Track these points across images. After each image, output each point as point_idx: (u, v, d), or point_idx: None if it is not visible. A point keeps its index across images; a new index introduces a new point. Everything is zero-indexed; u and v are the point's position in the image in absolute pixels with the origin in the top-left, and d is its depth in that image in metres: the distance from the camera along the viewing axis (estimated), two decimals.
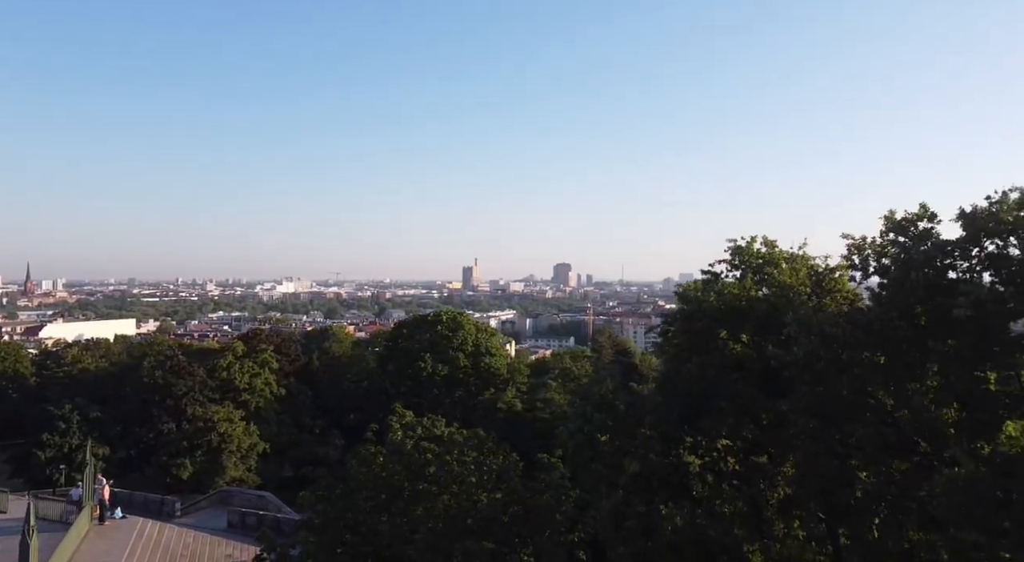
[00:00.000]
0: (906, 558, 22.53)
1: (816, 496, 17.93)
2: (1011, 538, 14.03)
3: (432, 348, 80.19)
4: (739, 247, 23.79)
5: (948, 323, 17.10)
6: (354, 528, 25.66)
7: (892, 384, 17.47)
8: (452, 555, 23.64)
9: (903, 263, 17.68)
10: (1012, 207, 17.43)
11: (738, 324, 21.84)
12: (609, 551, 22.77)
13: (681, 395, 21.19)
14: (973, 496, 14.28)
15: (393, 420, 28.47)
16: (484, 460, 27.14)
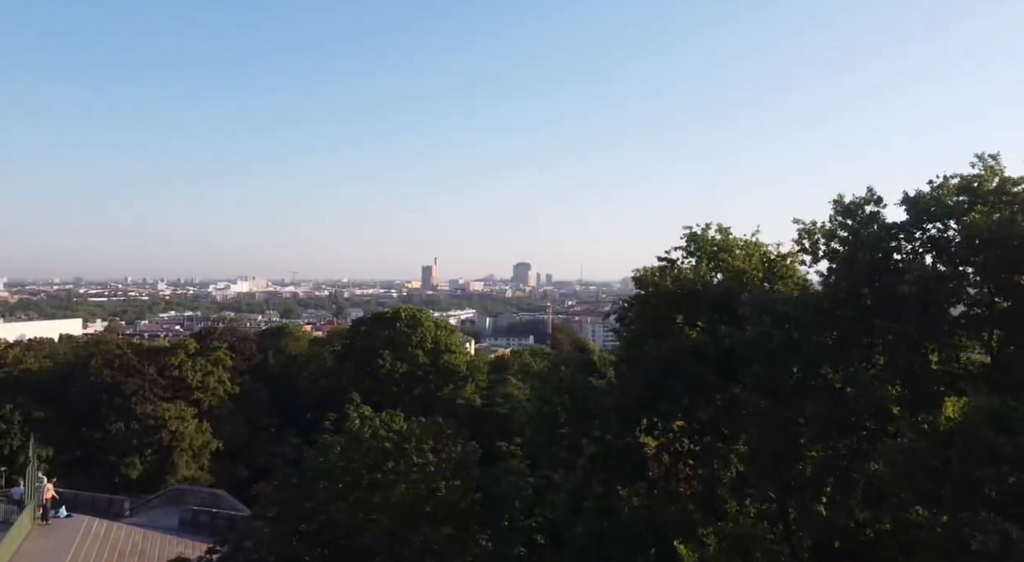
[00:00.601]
0: (852, 535, 23.34)
1: (768, 472, 18.39)
2: (947, 504, 14.60)
3: (391, 345, 79.52)
4: (694, 234, 24.21)
5: (893, 302, 17.74)
6: (310, 518, 25.31)
7: (840, 362, 18.01)
8: (410, 541, 23.54)
9: (851, 245, 18.25)
10: (952, 192, 18.18)
11: (694, 308, 22.25)
12: (567, 532, 22.95)
13: (638, 377, 21.49)
14: (914, 464, 14.82)
15: (350, 409, 28.15)
16: (443, 448, 27.08)
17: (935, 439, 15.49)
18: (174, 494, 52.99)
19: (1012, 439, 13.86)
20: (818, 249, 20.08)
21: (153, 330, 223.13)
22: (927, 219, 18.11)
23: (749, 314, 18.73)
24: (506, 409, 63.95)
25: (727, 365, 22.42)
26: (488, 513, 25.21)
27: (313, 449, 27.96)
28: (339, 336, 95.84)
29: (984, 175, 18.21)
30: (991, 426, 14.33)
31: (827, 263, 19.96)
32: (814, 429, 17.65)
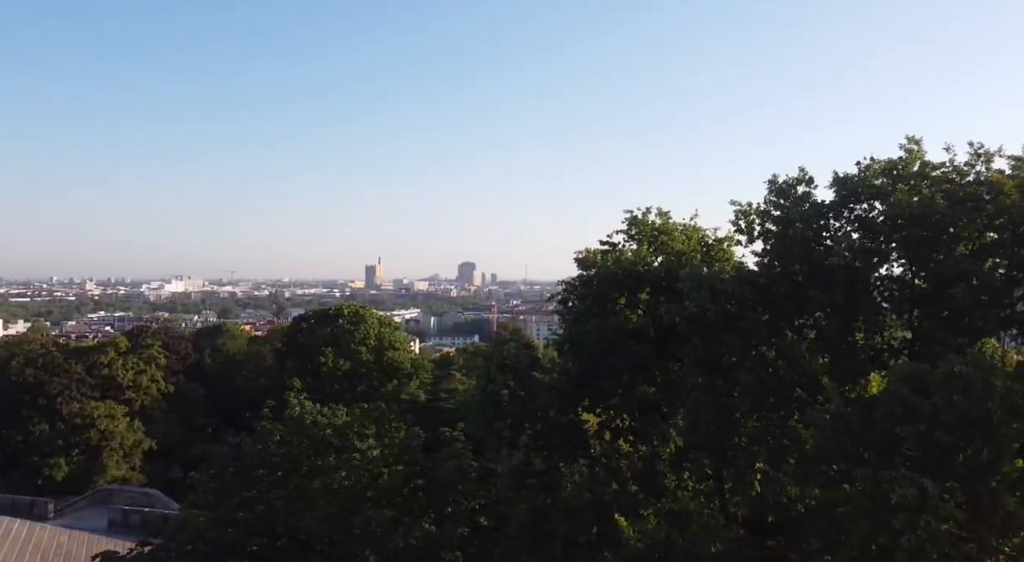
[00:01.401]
0: (785, 510, 24.21)
1: (705, 443, 18.89)
2: (870, 465, 15.30)
3: (333, 342, 78.22)
4: (635, 218, 24.68)
5: (823, 276, 18.55)
6: (249, 506, 24.69)
7: (773, 336, 18.67)
8: (352, 525, 23.23)
9: (784, 223, 18.94)
10: (877, 173, 19.08)
11: (635, 288, 22.68)
12: (510, 509, 23.05)
13: (580, 356, 21.78)
14: (840, 427, 15.49)
15: (291, 395, 27.61)
16: (385, 434, 26.83)
17: (860, 405, 16.23)
18: (103, 495, 50.81)
19: (928, 398, 14.62)
20: (753, 229, 20.75)
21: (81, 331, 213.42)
22: (854, 199, 18.95)
23: (688, 291, 19.22)
24: (451, 404, 63.72)
25: (666, 344, 22.98)
26: (431, 497, 25.08)
27: (250, 437, 27.31)
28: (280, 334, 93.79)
29: (907, 159, 19.19)
30: (910, 388, 15.10)
31: (762, 244, 20.65)
32: (748, 400, 18.24)
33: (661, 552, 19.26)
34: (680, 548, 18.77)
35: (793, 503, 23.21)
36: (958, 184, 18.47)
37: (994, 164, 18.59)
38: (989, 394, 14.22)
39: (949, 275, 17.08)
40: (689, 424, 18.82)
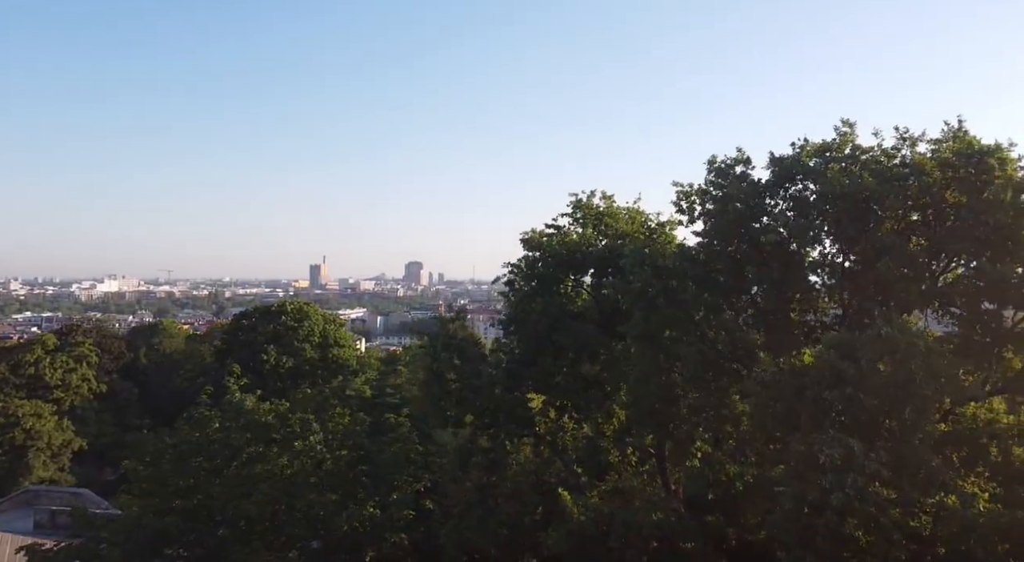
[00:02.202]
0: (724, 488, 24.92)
1: (647, 416, 19.25)
2: (803, 430, 15.88)
3: (276, 339, 76.60)
4: (579, 201, 25.01)
5: (760, 252, 19.18)
6: (185, 494, 24.00)
7: (712, 311, 19.18)
8: (294, 509, 22.86)
9: (723, 201, 19.48)
10: (811, 154, 19.81)
11: (580, 269, 22.98)
12: (455, 486, 23.06)
13: (525, 334, 21.94)
14: (774, 393, 16.04)
15: (230, 381, 26.96)
16: (329, 419, 26.50)
17: (792, 373, 16.84)
18: (28, 496, 48.33)
19: (855, 363, 15.26)
20: (694, 209, 21.24)
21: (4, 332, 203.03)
22: (790, 179, 19.61)
23: (630, 267, 19.58)
24: (397, 399, 63.18)
25: (610, 323, 23.38)
26: (376, 481, 24.89)
27: (187, 422, 26.60)
28: (220, 332, 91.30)
29: (840, 141, 19.98)
30: (839, 354, 15.73)
31: (702, 224, 21.16)
32: (689, 373, 18.67)
33: (604, 525, 19.57)
34: (621, 520, 19.11)
35: (732, 481, 24.00)
36: (885, 166, 19.32)
37: (919, 148, 19.52)
38: (912, 355, 14.93)
39: (876, 250, 17.87)
40: (631, 398, 19.18)
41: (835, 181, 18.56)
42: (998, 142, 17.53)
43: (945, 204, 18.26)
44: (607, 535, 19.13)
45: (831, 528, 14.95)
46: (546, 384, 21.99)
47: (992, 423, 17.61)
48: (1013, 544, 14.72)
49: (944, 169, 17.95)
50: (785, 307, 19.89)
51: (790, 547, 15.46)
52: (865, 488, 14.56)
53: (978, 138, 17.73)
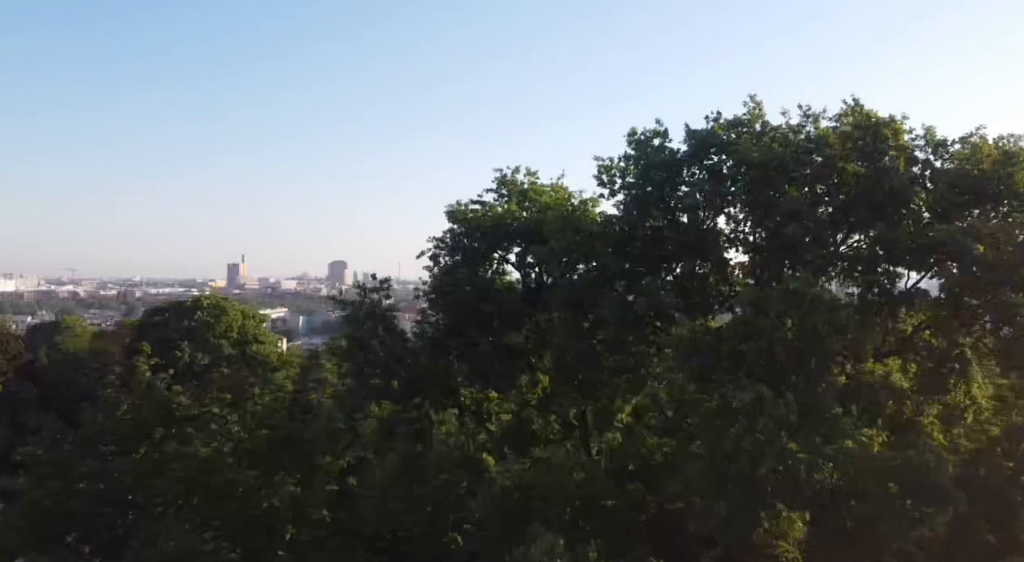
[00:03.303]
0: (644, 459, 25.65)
1: (570, 378, 19.61)
2: (717, 382, 16.60)
3: (191, 336, 73.53)
4: (504, 177, 25.21)
5: (677, 224, 19.95)
6: (91, 476, 22.76)
7: (633, 275, 19.77)
8: (209, 487, 22.07)
9: (642, 170, 20.10)
10: (724, 127, 20.68)
11: (505, 241, 23.19)
12: (378, 459, 22.83)
13: (450, 306, 21.95)
14: (691, 347, 16.69)
15: (140, 360, 25.77)
16: (247, 398, 25.73)
17: (708, 331, 17.56)
18: None
19: (767, 317, 16.07)
20: (615, 182, 21.80)
21: None
22: (705, 150, 20.41)
23: (552, 232, 19.94)
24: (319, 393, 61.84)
25: (535, 295, 23.72)
26: (298, 458, 24.32)
27: (92, 406, 25.24)
28: (129, 329, 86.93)
29: (751, 117, 20.95)
30: (752, 310, 16.54)
31: (623, 196, 21.73)
32: (609, 335, 19.14)
33: (528, 489, 19.79)
34: (545, 482, 19.38)
35: (651, 454, 24.76)
36: (792, 141, 20.41)
37: (822, 124, 20.70)
38: (818, 308, 15.85)
39: (784, 216, 18.86)
40: (554, 362, 19.50)
41: (746, 151, 19.49)
42: (892, 115, 18.83)
43: (846, 175, 19.44)
44: (531, 498, 19.35)
45: (743, 474, 15.68)
46: (472, 354, 22.06)
47: (887, 378, 18.86)
48: (901, 481, 15.84)
49: (844, 141, 19.12)
50: (702, 277, 20.73)
51: (705, 494, 16.09)
52: (775, 433, 15.34)
53: (875, 111, 18.99)
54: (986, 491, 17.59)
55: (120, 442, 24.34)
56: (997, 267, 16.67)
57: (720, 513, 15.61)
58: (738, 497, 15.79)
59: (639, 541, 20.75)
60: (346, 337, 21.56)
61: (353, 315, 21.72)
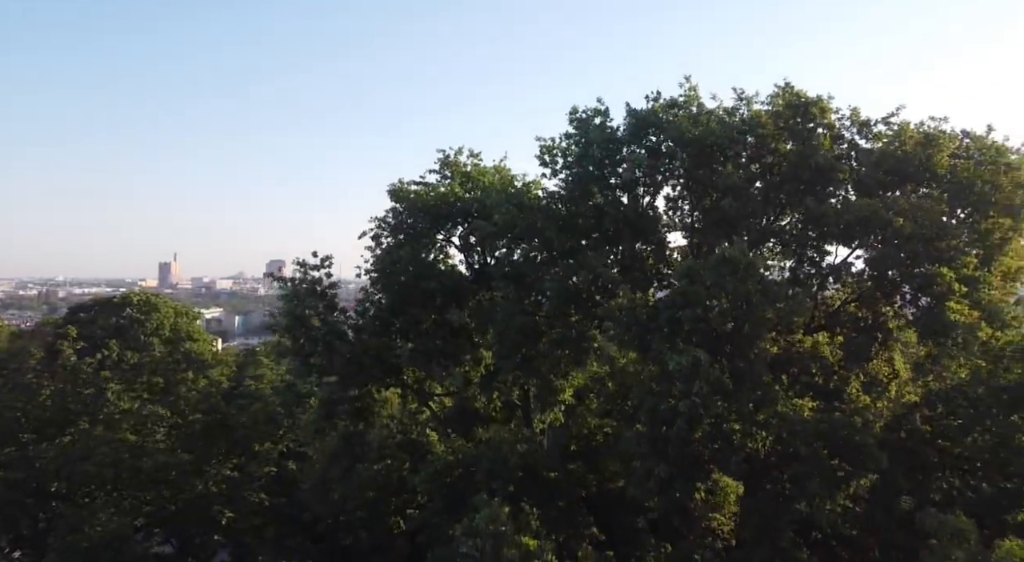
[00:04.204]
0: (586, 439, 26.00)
1: (512, 351, 19.65)
2: (654, 352, 16.99)
3: (119, 334, 70.52)
4: (447, 158, 25.14)
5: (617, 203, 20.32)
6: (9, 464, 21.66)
7: (575, 249, 20.02)
8: (140, 470, 21.29)
9: (583, 147, 20.37)
10: (662, 108, 21.15)
11: (448, 220, 23.12)
12: (320, 438, 22.43)
13: (392, 284, 21.75)
14: (630, 316, 17.02)
15: (65, 345, 24.68)
16: (180, 382, 24.99)
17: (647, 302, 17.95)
18: None
19: (703, 286, 16.54)
20: (556, 162, 22.00)
21: None
22: (644, 129, 20.82)
23: (495, 206, 20.01)
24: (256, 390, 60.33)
25: (478, 274, 23.75)
26: (232, 442, 23.73)
27: (12, 394, 24.05)
28: (52, 327, 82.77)
29: (687, 98, 21.48)
30: (686, 279, 16.98)
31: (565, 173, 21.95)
32: (551, 307, 19.32)
33: (471, 464, 19.78)
34: (489, 456, 19.42)
35: (593, 434, 25.14)
36: (727, 122, 21.04)
37: (754, 107, 21.41)
38: (752, 274, 16.40)
39: (720, 191, 19.44)
40: (497, 335, 19.53)
41: (684, 129, 19.99)
42: (819, 95, 19.63)
43: (779, 153, 20.16)
44: (473, 473, 19.36)
45: (681, 437, 16.11)
46: (414, 332, 21.89)
47: (816, 348, 19.65)
48: (827, 442, 16.55)
49: (776, 120, 19.83)
50: (642, 256, 21.17)
51: (645, 457, 16.43)
52: (710, 397, 15.82)
53: (804, 91, 19.75)
54: (905, 453, 18.52)
55: (42, 429, 23.27)
56: (916, 239, 17.58)
57: (659, 475, 15.97)
58: (675, 460, 16.20)
59: (582, 514, 21.02)
60: (285, 314, 21.07)
61: (293, 292, 21.25)
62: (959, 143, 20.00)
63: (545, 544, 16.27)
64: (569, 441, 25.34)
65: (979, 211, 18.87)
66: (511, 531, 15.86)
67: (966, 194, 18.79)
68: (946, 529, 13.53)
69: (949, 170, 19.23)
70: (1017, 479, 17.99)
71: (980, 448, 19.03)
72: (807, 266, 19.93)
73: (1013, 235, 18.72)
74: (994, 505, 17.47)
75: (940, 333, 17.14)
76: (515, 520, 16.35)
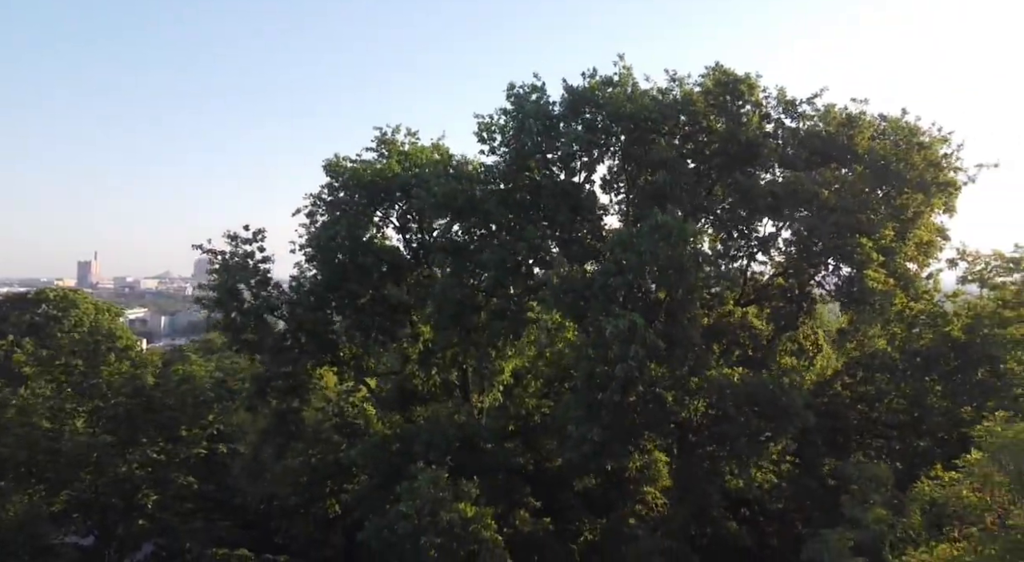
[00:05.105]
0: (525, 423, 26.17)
1: (450, 322, 19.55)
2: (590, 319, 17.27)
3: (34, 332, 66.69)
4: (384, 136, 24.87)
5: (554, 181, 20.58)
6: None
7: (513, 222, 20.12)
8: (60, 452, 20.21)
9: (520, 121, 20.49)
10: (599, 85, 21.47)
11: (385, 195, 22.86)
12: (252, 415, 21.78)
13: (328, 259, 21.34)
14: (566, 284, 17.25)
15: None
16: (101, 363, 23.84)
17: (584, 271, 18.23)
18: None
19: (636, 253, 16.89)
20: (495, 138, 22.05)
21: None
22: (582, 105, 21.09)
23: (433, 177, 19.92)
24: None
25: (416, 252, 23.58)
26: (159, 423, 22.79)
27: None
28: None
29: (622, 78, 21.87)
30: (620, 247, 17.30)
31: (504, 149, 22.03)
32: (490, 278, 19.34)
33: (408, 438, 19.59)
34: (427, 428, 19.29)
35: (530, 415, 25.34)
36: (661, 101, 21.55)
37: (686, 87, 21.99)
38: (684, 239, 16.83)
39: (654, 165, 19.89)
40: (436, 307, 19.40)
41: (619, 104, 20.36)
42: (747, 72, 20.34)
43: (710, 131, 20.78)
44: (412, 446, 19.17)
45: (616, 401, 16.38)
46: (351, 307, 21.51)
47: (745, 319, 20.35)
48: (754, 403, 17.14)
49: (707, 98, 20.44)
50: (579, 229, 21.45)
51: (580, 422, 16.62)
52: (645, 361, 16.14)
53: (733, 70, 20.42)
54: (828, 417, 19.36)
55: None
56: (840, 212, 18.43)
57: (593, 439, 16.20)
58: (610, 424, 16.46)
59: (519, 485, 21.11)
60: (216, 287, 20.32)
61: (223, 265, 20.55)
62: (877, 125, 21.13)
63: (484, 510, 16.30)
64: (507, 421, 25.47)
65: (895, 188, 19.94)
66: (450, 497, 15.81)
67: (884, 172, 19.84)
68: (865, 475, 14.21)
69: (868, 151, 20.28)
70: (930, 437, 19.07)
71: (896, 410, 20.09)
72: (737, 238, 20.60)
73: (925, 209, 19.84)
74: (908, 462, 18.45)
75: (860, 300, 18.00)
76: (454, 488, 16.30)
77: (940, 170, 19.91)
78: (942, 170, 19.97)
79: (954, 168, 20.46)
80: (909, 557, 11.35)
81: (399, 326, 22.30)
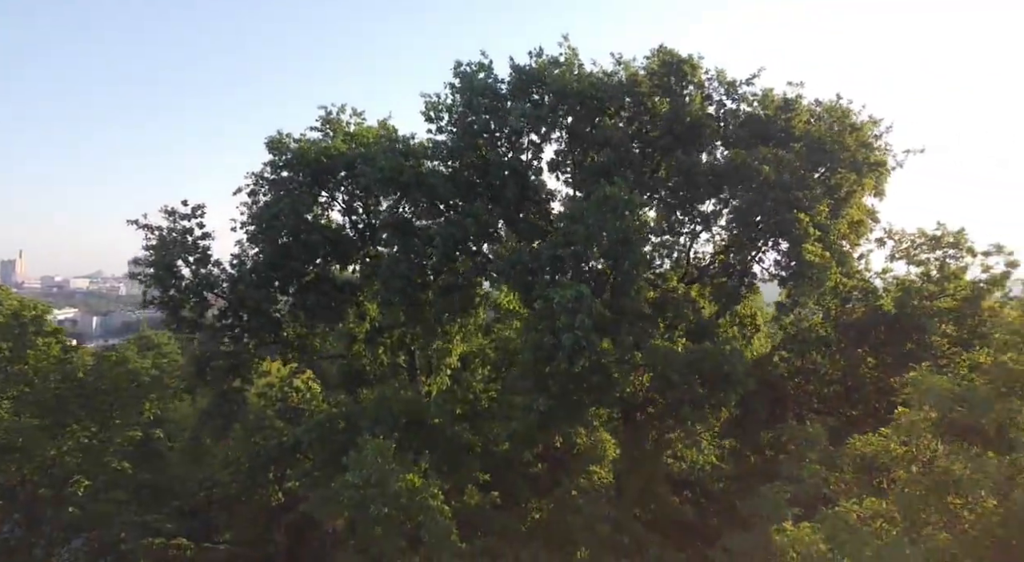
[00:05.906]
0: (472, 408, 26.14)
1: (397, 296, 19.32)
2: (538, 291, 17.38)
3: None
4: (329, 116, 24.46)
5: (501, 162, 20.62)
6: None
7: (461, 198, 20.08)
8: None
9: (468, 95, 20.48)
10: (547, 64, 21.64)
11: (329, 174, 22.48)
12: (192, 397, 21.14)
13: (271, 238, 20.87)
14: (514, 257, 17.34)
15: None
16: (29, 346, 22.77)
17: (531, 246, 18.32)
18: None
19: (584, 226, 17.09)
20: (442, 117, 21.97)
21: None
22: (529, 83, 21.22)
23: (379, 153, 19.71)
24: None
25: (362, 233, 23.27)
26: (92, 407, 21.90)
27: None
28: None
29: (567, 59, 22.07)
30: (569, 220, 17.49)
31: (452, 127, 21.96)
32: (439, 254, 19.23)
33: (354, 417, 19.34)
34: (374, 405, 19.08)
35: (478, 399, 25.35)
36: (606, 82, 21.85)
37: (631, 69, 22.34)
38: (630, 210, 17.10)
39: (599, 143, 20.16)
40: (383, 284, 19.17)
41: (566, 84, 20.57)
42: (690, 54, 20.81)
43: (654, 112, 21.16)
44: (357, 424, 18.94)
45: (563, 370, 16.53)
46: (296, 286, 21.06)
47: (688, 294, 20.81)
48: (698, 371, 17.55)
49: (652, 78, 20.83)
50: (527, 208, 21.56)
51: (527, 392, 16.72)
52: (591, 331, 16.33)
53: (676, 51, 20.86)
54: (767, 387, 19.94)
55: None
56: (779, 188, 19.02)
57: (539, 409, 16.31)
58: (556, 393, 16.61)
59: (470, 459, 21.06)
60: (153, 263, 19.58)
61: (160, 240, 19.84)
62: (812, 109, 21.92)
63: (431, 482, 16.20)
64: (455, 405, 25.42)
65: (830, 167, 20.71)
66: (398, 468, 15.67)
67: (819, 152, 20.58)
68: (801, 436, 14.72)
69: (805, 133, 21.01)
70: (862, 405, 19.87)
71: (830, 381, 20.87)
72: (682, 217, 21.04)
73: (857, 189, 20.65)
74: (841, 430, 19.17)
75: (798, 273, 18.63)
76: (401, 459, 16.16)
77: (871, 150, 20.76)
78: (873, 151, 20.83)
79: (883, 150, 21.39)
80: (841, 507, 11.81)
81: (346, 305, 21.96)
